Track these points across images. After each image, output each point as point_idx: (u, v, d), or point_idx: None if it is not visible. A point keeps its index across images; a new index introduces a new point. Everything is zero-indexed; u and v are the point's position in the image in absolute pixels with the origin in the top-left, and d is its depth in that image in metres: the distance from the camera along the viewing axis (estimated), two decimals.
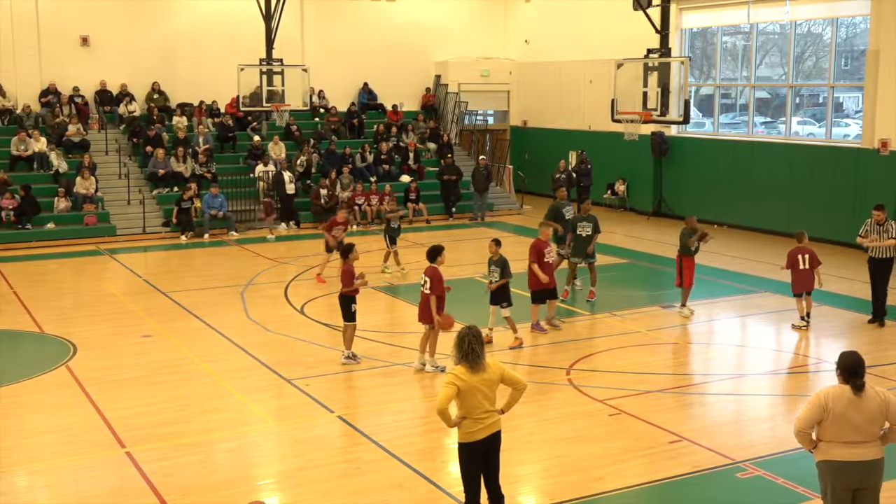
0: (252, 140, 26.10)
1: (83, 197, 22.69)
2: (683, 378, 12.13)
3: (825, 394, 6.52)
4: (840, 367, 6.59)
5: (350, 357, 12.23)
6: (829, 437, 6.51)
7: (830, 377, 11.94)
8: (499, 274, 12.81)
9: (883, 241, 13.77)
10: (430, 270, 11.93)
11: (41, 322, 14.67)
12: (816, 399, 6.52)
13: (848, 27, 23.04)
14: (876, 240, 13.83)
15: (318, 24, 28.84)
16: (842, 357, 6.63)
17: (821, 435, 6.55)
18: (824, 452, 6.58)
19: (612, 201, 27.25)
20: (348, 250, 12.34)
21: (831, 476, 6.57)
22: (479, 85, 30.72)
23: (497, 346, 12.83)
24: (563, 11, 28.86)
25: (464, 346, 7.01)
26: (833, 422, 6.45)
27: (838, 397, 6.47)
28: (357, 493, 8.51)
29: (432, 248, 12.16)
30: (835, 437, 6.49)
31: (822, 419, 6.48)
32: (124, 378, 11.86)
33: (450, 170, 25.97)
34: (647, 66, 19.52)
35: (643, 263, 19.71)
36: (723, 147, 24.36)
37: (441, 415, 6.95)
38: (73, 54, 26.03)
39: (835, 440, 6.49)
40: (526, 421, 10.03)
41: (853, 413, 6.44)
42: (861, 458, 6.49)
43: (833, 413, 6.43)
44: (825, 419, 6.47)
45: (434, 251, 12.09)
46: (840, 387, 6.53)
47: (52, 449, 9.63)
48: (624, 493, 8.51)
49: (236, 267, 19.34)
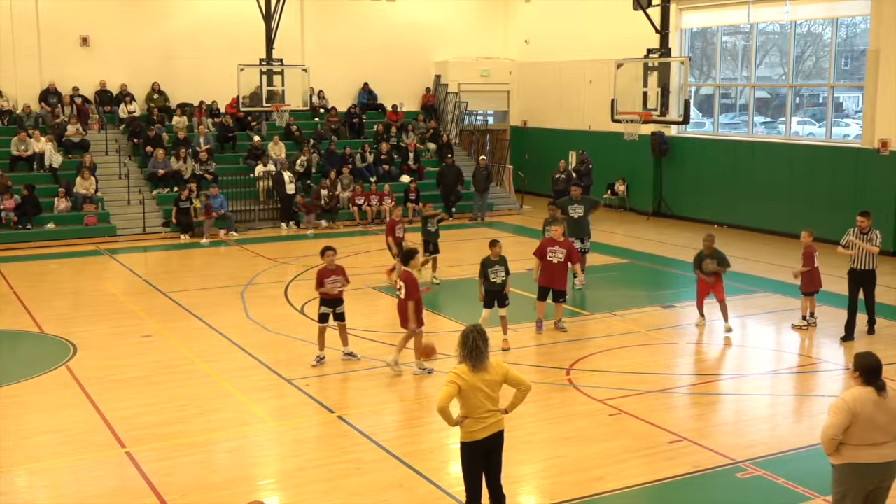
0: (252, 140, 26.11)
1: (83, 197, 22.69)
2: (683, 378, 12.12)
3: (851, 398, 6.41)
4: (859, 368, 6.50)
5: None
6: (856, 441, 6.41)
7: (830, 377, 12.02)
8: (503, 272, 12.82)
9: (866, 245, 13.06)
10: (404, 275, 11.79)
11: (41, 322, 14.67)
12: (843, 404, 6.41)
13: (848, 27, 23.04)
14: (857, 244, 13.09)
15: (318, 24, 28.85)
16: (860, 359, 6.54)
17: (846, 439, 6.43)
18: (850, 456, 6.45)
19: (612, 201, 27.24)
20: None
21: (856, 479, 6.46)
22: (479, 85, 30.73)
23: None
24: (563, 11, 28.87)
25: (468, 343, 6.98)
26: (861, 425, 6.36)
27: (865, 400, 6.38)
28: (357, 493, 8.50)
29: (406, 251, 12.06)
30: (861, 441, 6.40)
31: (851, 423, 6.37)
32: (124, 378, 11.86)
33: (449, 171, 25.95)
34: (647, 66, 19.53)
35: (643, 263, 19.70)
36: (723, 147, 24.36)
37: (441, 413, 6.94)
38: (73, 54, 26.04)
39: (861, 443, 6.40)
40: (526, 421, 10.03)
41: (879, 414, 6.37)
42: (886, 459, 6.43)
43: (861, 416, 6.35)
44: (853, 423, 6.36)
45: (408, 254, 11.95)
46: (863, 389, 6.43)
47: (52, 449, 9.63)
48: (624, 493, 8.51)
49: (236, 267, 19.35)
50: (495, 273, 12.76)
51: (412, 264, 11.94)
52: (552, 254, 13.65)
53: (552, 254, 13.65)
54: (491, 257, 12.85)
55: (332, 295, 12.10)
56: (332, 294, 12.09)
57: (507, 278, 12.87)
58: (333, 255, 12.20)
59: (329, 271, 12.13)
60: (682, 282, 17.76)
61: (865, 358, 6.52)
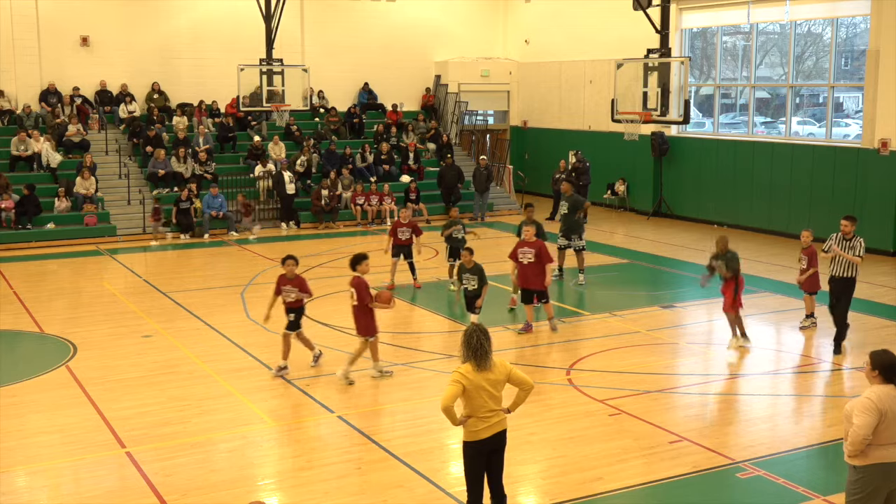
0: (252, 140, 26.11)
1: (83, 197, 22.70)
2: (683, 378, 12.12)
3: (877, 396, 6.31)
4: (878, 366, 6.41)
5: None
6: (883, 440, 6.32)
7: (831, 377, 12.00)
8: (476, 281, 12.71)
9: (846, 254, 12.39)
10: (354, 280, 11.44)
11: (41, 322, 14.67)
12: (870, 403, 6.30)
13: (848, 27, 23.03)
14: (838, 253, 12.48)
15: (318, 24, 28.85)
16: (878, 357, 6.46)
17: (873, 439, 6.32)
18: (878, 456, 6.35)
19: (612, 201, 27.26)
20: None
21: (883, 479, 6.38)
22: (479, 85, 30.74)
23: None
24: (563, 11, 28.87)
25: (473, 342, 6.98)
26: (887, 423, 6.28)
27: (889, 397, 6.31)
28: (357, 493, 8.51)
29: (355, 257, 11.56)
30: (888, 440, 6.32)
31: (879, 422, 6.28)
32: (124, 378, 11.86)
33: (449, 171, 25.94)
34: (647, 66, 19.53)
35: (643, 263, 19.70)
36: (723, 147, 24.36)
37: (445, 412, 6.93)
38: (73, 54, 26.05)
39: (887, 442, 6.32)
40: (526, 421, 10.02)
41: None
42: None
43: (888, 414, 6.27)
44: (881, 422, 6.27)
45: (356, 259, 11.52)
46: (886, 387, 6.36)
47: (52, 449, 9.63)
48: (624, 493, 8.51)
49: (236, 267, 19.35)
50: (467, 280, 12.69)
51: (359, 269, 11.43)
52: (522, 255, 13.54)
53: (522, 255, 13.54)
54: (464, 264, 12.77)
55: (289, 303, 11.90)
56: (288, 302, 11.89)
57: (482, 288, 12.70)
58: (293, 265, 11.92)
59: (287, 280, 11.89)
60: (682, 282, 17.78)
61: (882, 356, 6.45)
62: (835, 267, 12.62)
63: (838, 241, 12.60)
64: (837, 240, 12.62)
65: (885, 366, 6.39)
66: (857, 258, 12.44)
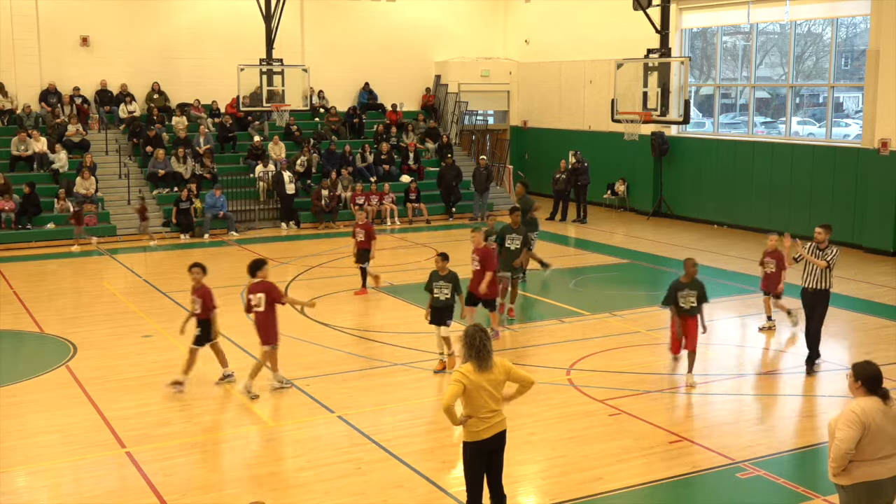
0: (252, 140, 26.11)
1: (83, 197, 22.68)
2: (683, 378, 12.11)
3: (861, 409, 6.09)
4: (861, 378, 6.23)
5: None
6: (867, 456, 6.09)
7: (830, 377, 12.00)
8: (450, 290, 11.88)
9: (814, 259, 11.73)
10: (260, 286, 10.93)
11: (41, 322, 14.67)
12: (854, 416, 6.07)
13: (848, 27, 23.04)
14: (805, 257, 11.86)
15: (318, 24, 28.84)
16: (861, 368, 6.27)
17: (856, 455, 6.10)
18: (862, 475, 6.14)
19: (612, 201, 27.26)
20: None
21: (868, 498, 6.18)
22: (479, 85, 30.74)
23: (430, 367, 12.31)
24: (563, 11, 28.87)
25: (475, 342, 6.98)
26: (872, 438, 6.07)
27: (874, 410, 6.10)
28: (357, 493, 8.51)
29: (253, 262, 11.12)
30: (872, 455, 6.10)
31: (862, 436, 6.05)
32: (124, 378, 11.86)
33: (449, 171, 25.93)
34: (647, 66, 19.53)
35: (643, 263, 19.70)
36: (723, 147, 24.36)
37: (447, 412, 6.94)
38: (73, 54, 26.04)
39: (871, 458, 6.10)
40: (526, 421, 10.03)
41: (887, 424, 6.12)
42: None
43: (871, 428, 6.06)
44: (864, 436, 6.05)
45: (255, 265, 11.04)
46: (870, 399, 6.16)
47: (52, 449, 9.63)
48: (624, 493, 8.51)
49: (236, 267, 19.29)
50: (439, 289, 11.87)
51: (259, 275, 10.97)
52: (472, 260, 13.10)
53: (472, 260, 13.10)
54: (438, 271, 11.97)
55: (196, 315, 11.31)
56: (196, 314, 11.32)
57: (455, 297, 11.92)
58: (199, 273, 11.26)
59: (193, 289, 11.33)
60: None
61: (865, 367, 6.27)
62: (807, 278, 11.91)
63: (811, 250, 11.92)
64: (810, 249, 11.95)
65: (868, 377, 6.22)
66: (822, 262, 11.68)
